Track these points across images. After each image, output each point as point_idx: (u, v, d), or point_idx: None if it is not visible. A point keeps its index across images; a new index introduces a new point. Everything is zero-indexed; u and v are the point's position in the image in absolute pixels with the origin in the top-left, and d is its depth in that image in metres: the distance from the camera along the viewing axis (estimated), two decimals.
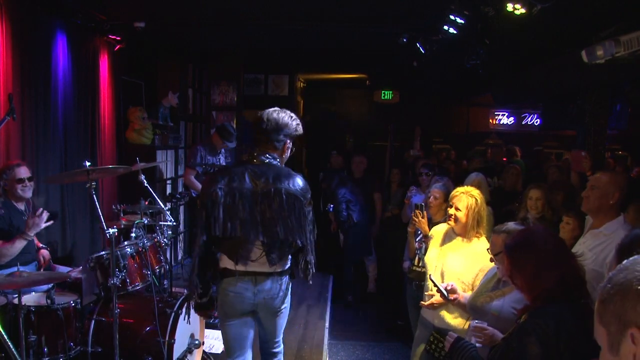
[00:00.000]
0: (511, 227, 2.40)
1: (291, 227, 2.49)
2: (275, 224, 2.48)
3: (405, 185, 6.35)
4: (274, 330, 2.78)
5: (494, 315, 2.32)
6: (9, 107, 3.27)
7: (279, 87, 8.35)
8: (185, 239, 7.04)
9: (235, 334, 2.70)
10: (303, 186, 2.58)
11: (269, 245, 2.52)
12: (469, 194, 2.96)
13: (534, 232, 2.01)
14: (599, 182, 2.84)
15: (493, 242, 2.44)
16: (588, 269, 2.77)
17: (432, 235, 3.26)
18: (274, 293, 2.61)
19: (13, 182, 3.48)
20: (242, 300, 2.60)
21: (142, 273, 3.44)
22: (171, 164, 6.69)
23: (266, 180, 2.51)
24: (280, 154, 2.65)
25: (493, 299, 2.38)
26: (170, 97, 6.28)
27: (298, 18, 5.03)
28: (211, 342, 4.30)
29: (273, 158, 2.61)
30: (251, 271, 2.58)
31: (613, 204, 2.77)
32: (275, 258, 2.55)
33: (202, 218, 2.50)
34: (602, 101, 5.24)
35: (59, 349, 3.08)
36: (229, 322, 2.68)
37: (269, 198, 2.48)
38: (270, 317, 2.71)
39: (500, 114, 12.17)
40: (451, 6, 4.09)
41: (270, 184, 2.49)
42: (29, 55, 3.95)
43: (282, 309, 2.71)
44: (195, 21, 5.29)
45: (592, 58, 3.64)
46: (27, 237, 3.33)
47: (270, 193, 2.48)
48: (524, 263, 1.87)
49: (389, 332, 5.45)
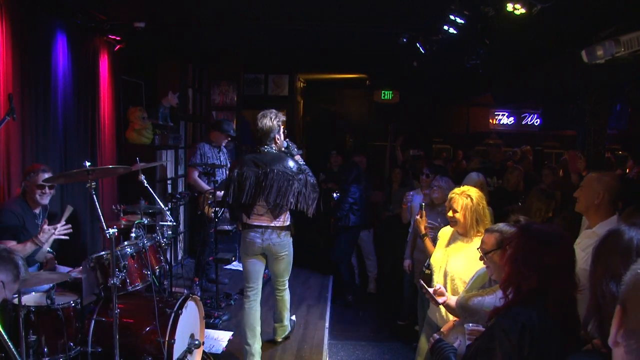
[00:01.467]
0: (504, 227, 2.39)
1: (282, 194, 3.70)
2: (271, 192, 3.70)
3: (407, 185, 6.36)
4: (277, 271, 3.96)
5: (486, 312, 2.30)
6: (9, 107, 3.28)
7: (279, 87, 8.35)
8: (185, 239, 7.04)
9: (251, 268, 3.91)
10: (291, 166, 3.77)
11: (269, 205, 3.73)
12: (464, 195, 2.97)
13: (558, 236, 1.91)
14: (586, 181, 2.86)
15: (484, 241, 2.43)
16: (580, 268, 2.78)
17: (439, 237, 3.28)
18: (275, 241, 3.81)
19: (33, 185, 3.52)
20: (253, 244, 3.82)
21: (142, 273, 3.44)
22: (171, 164, 6.69)
23: (264, 164, 3.74)
24: (275, 143, 3.86)
25: (484, 296, 2.38)
26: (170, 97, 6.28)
27: (298, 18, 5.03)
28: (211, 342, 4.30)
29: (270, 147, 3.82)
30: (259, 224, 3.80)
31: (599, 204, 2.76)
32: (275, 214, 3.77)
33: (227, 190, 3.75)
34: (602, 101, 5.24)
35: (59, 349, 3.08)
36: (247, 260, 3.90)
37: (266, 175, 3.70)
38: (274, 260, 3.90)
39: (500, 114, 12.17)
40: (451, 6, 4.09)
41: (267, 166, 3.73)
42: (29, 55, 3.95)
43: (282, 255, 3.87)
44: (195, 21, 5.29)
45: (592, 58, 3.64)
46: (39, 242, 3.36)
47: (267, 172, 3.71)
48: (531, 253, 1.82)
49: (389, 332, 5.46)
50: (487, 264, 2.41)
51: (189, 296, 3.52)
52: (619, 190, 2.79)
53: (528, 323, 1.69)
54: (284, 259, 3.90)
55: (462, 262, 2.94)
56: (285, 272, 4.00)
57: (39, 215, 3.66)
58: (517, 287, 1.82)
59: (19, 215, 3.47)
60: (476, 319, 2.29)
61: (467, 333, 2.22)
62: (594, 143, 5.20)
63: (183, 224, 6.82)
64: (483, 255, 2.41)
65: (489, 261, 2.38)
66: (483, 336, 1.85)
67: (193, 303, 3.58)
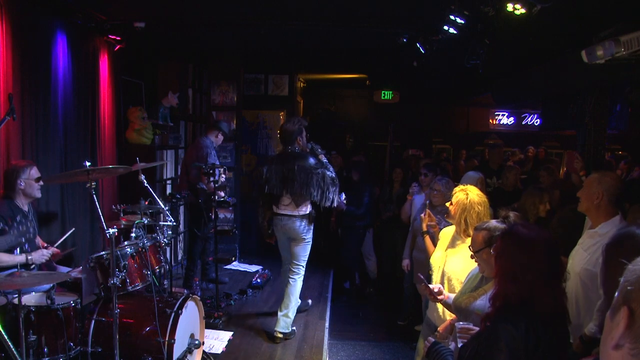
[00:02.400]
0: (492, 225, 2.39)
1: (304, 185, 4.37)
2: (294, 185, 4.38)
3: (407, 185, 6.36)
4: (295, 254, 4.62)
5: (477, 315, 2.30)
6: (9, 107, 3.27)
7: (279, 87, 8.34)
8: (185, 239, 7.03)
9: (282, 247, 4.77)
10: (311, 163, 4.44)
11: (293, 197, 4.44)
12: (463, 191, 2.97)
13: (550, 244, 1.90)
14: (587, 182, 2.88)
15: (474, 239, 2.43)
16: (582, 268, 2.78)
17: (440, 237, 3.28)
18: (296, 227, 4.52)
19: (31, 181, 3.55)
20: (279, 229, 4.60)
21: (142, 273, 3.44)
22: (171, 164, 6.68)
23: (288, 162, 4.44)
24: (298, 144, 4.55)
25: (476, 298, 2.38)
26: (170, 97, 6.28)
27: (298, 18, 5.03)
28: (211, 342, 4.30)
29: (294, 148, 4.54)
30: (283, 213, 4.54)
31: (599, 204, 2.78)
32: (298, 204, 4.47)
33: (258, 185, 4.10)
34: (602, 101, 5.24)
35: (59, 349, 3.08)
36: (279, 241, 4.73)
37: (290, 171, 4.39)
38: (294, 244, 4.61)
39: (500, 114, 12.18)
40: (451, 6, 4.09)
41: (290, 163, 4.41)
42: (29, 55, 3.94)
43: (300, 238, 4.56)
44: (195, 21, 5.29)
45: (592, 58, 3.64)
46: (30, 261, 3.38)
47: (291, 168, 4.39)
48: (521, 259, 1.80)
49: (389, 332, 5.46)
50: (477, 261, 2.42)
51: (189, 296, 3.53)
52: (619, 191, 2.80)
53: (514, 332, 1.69)
54: (301, 243, 4.57)
55: (459, 263, 2.93)
56: (301, 256, 4.60)
57: (28, 212, 3.64)
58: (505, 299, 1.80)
59: (5, 216, 3.42)
60: (470, 321, 2.29)
61: (458, 331, 2.22)
62: (594, 143, 5.19)
63: (183, 224, 6.81)
64: (473, 254, 2.41)
65: (479, 259, 2.39)
66: (484, 337, 1.84)
67: (193, 303, 3.58)
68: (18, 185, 3.53)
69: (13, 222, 3.45)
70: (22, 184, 3.53)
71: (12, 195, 3.54)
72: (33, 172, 3.57)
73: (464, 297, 2.46)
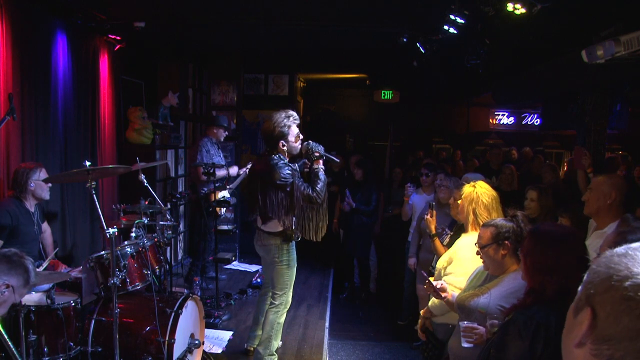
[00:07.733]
0: (500, 222, 2.42)
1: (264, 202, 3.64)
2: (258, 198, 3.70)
3: None
4: (271, 279, 3.82)
5: (481, 313, 2.31)
6: (9, 107, 3.28)
7: (279, 87, 8.34)
8: (185, 239, 7.03)
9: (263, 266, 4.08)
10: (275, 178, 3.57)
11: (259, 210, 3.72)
12: (472, 185, 3.01)
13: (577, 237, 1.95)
14: (595, 184, 2.88)
15: (481, 235, 2.45)
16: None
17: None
18: (265, 244, 3.74)
19: (41, 182, 3.58)
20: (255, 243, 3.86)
21: (142, 273, 3.44)
22: (171, 164, 6.68)
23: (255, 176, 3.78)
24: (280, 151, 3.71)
25: (479, 296, 2.39)
26: (170, 96, 6.28)
27: (298, 18, 5.03)
28: (211, 342, 4.30)
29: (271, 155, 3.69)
30: (257, 225, 3.78)
31: (611, 204, 2.79)
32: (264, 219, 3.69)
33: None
34: (602, 101, 5.24)
35: (59, 348, 3.08)
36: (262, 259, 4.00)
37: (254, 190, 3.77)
38: (267, 265, 3.87)
39: (500, 114, 12.17)
40: (451, 6, 4.09)
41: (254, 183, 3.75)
42: (29, 55, 3.95)
43: (274, 260, 3.70)
44: (195, 21, 5.29)
45: (592, 58, 3.64)
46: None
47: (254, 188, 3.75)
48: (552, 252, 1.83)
49: (389, 332, 5.46)
50: (483, 258, 2.43)
51: (189, 296, 3.52)
52: (627, 191, 2.82)
53: (544, 322, 1.70)
54: (275, 267, 3.70)
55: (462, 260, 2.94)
56: (277, 283, 3.73)
57: (34, 213, 3.67)
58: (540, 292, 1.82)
59: (14, 214, 3.47)
60: (473, 319, 2.29)
61: (462, 330, 2.22)
62: (594, 143, 5.19)
63: (183, 224, 6.81)
64: (479, 250, 2.43)
65: (485, 255, 2.41)
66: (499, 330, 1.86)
67: (193, 303, 3.58)
68: (29, 187, 3.57)
69: (18, 220, 3.49)
70: (33, 185, 3.58)
71: (22, 196, 3.59)
72: (42, 174, 3.61)
73: (467, 294, 2.47)
